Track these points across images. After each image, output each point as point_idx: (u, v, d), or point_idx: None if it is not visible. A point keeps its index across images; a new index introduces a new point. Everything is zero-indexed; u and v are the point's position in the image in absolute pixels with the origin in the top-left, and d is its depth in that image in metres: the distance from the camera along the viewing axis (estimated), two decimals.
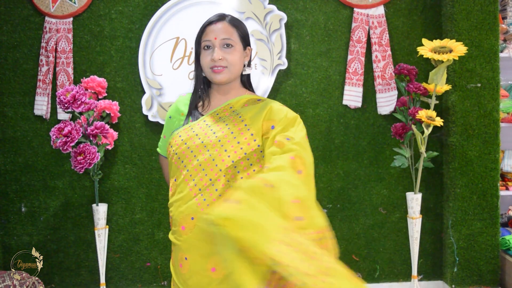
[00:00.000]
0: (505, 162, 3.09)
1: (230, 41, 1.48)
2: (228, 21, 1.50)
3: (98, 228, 2.75)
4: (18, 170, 2.99)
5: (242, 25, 1.54)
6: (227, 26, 1.49)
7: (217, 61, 1.47)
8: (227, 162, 1.39)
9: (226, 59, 1.47)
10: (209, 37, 1.48)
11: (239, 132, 1.44)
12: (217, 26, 1.49)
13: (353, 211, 3.02)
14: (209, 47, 1.49)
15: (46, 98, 2.91)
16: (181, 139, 1.47)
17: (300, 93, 2.98)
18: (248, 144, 1.42)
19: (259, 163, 1.41)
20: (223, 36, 1.47)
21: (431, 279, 3.04)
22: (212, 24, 1.49)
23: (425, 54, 2.42)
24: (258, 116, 1.46)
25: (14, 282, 2.46)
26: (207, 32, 1.49)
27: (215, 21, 1.49)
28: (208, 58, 1.48)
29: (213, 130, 1.46)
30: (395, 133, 2.79)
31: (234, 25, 1.51)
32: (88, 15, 2.94)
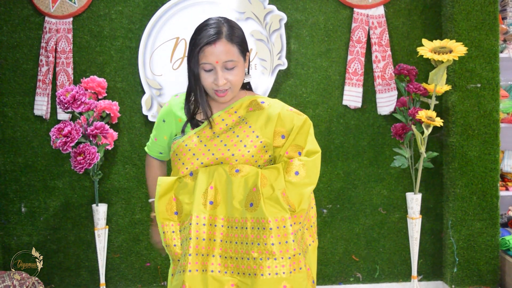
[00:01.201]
0: (505, 162, 3.09)
1: (233, 63, 1.42)
2: (226, 38, 1.41)
3: (98, 228, 2.75)
4: (18, 170, 2.99)
5: (239, 34, 1.46)
6: (227, 45, 1.40)
7: (220, 86, 1.43)
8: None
9: (230, 81, 1.44)
10: (209, 60, 1.41)
11: (252, 145, 1.47)
12: (217, 48, 1.40)
13: (353, 211, 3.02)
14: (209, 69, 1.43)
15: (46, 98, 2.91)
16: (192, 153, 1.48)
17: (300, 93, 2.98)
18: (261, 156, 1.47)
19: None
20: (226, 59, 1.41)
21: (431, 280, 3.05)
22: (211, 45, 1.39)
23: (425, 55, 2.42)
24: (269, 126, 1.48)
25: (14, 282, 2.46)
26: (207, 54, 1.40)
27: (214, 42, 1.39)
28: (210, 81, 1.44)
29: (224, 142, 1.47)
30: (395, 134, 2.79)
31: (233, 41, 1.42)
32: (88, 15, 2.94)
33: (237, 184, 1.41)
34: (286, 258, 1.36)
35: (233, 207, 1.41)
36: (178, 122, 1.53)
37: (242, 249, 1.38)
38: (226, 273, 1.38)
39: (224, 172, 1.43)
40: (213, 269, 1.38)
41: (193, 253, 1.38)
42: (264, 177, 1.42)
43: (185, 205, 1.45)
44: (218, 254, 1.39)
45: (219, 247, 1.40)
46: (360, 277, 3.04)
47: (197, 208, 1.41)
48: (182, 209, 1.46)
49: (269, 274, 1.35)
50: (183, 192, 1.46)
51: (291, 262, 1.37)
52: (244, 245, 1.38)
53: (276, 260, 1.35)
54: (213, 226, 1.41)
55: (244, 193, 1.41)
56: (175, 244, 1.45)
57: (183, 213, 1.46)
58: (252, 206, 1.39)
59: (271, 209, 1.39)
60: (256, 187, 1.40)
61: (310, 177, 1.45)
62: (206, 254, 1.39)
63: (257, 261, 1.36)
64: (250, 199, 1.40)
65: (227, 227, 1.40)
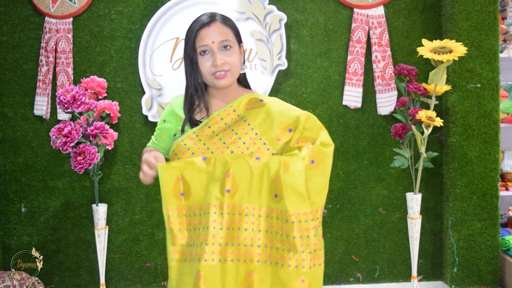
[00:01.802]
0: (505, 162, 3.09)
1: (228, 42, 1.44)
2: (220, 21, 1.46)
3: (98, 229, 2.75)
4: (18, 170, 2.99)
5: (233, 23, 1.51)
6: (222, 26, 1.45)
7: (219, 66, 1.43)
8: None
9: (227, 62, 1.44)
10: (205, 42, 1.43)
11: (251, 142, 1.45)
12: (212, 28, 1.43)
13: (353, 212, 3.02)
14: (205, 52, 1.44)
15: (46, 99, 2.91)
16: (191, 152, 1.45)
17: (300, 93, 2.98)
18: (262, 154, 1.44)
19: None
20: (221, 39, 1.43)
21: (431, 280, 3.05)
22: (206, 27, 1.43)
23: (425, 55, 2.42)
24: (269, 124, 1.46)
25: (14, 283, 2.46)
26: (202, 36, 1.43)
27: (208, 23, 1.44)
28: (208, 64, 1.44)
29: (223, 140, 1.46)
30: (395, 134, 2.79)
31: (228, 25, 1.47)
32: (88, 15, 2.94)
33: (259, 172, 1.38)
34: (307, 252, 1.35)
35: (256, 195, 1.37)
36: (179, 121, 1.54)
37: (267, 238, 1.37)
38: (245, 261, 1.36)
39: (244, 160, 1.39)
40: (232, 258, 1.35)
41: (210, 242, 1.35)
42: (285, 163, 1.39)
43: (195, 188, 1.39)
44: (237, 243, 1.36)
45: (239, 235, 1.37)
46: (360, 277, 3.04)
47: (215, 197, 1.37)
48: (190, 192, 1.40)
49: (289, 266, 1.34)
50: (194, 174, 1.39)
51: (311, 257, 1.36)
52: (268, 234, 1.37)
53: (297, 253, 1.34)
54: (231, 215, 1.37)
55: (268, 181, 1.38)
56: (180, 229, 1.40)
57: (192, 196, 1.40)
58: (276, 197, 1.37)
59: (294, 202, 1.36)
60: (279, 177, 1.37)
61: (325, 167, 1.43)
62: (225, 244, 1.36)
63: (279, 251, 1.35)
64: (274, 190, 1.37)
65: (251, 216, 1.37)
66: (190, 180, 1.40)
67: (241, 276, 1.36)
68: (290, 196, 1.37)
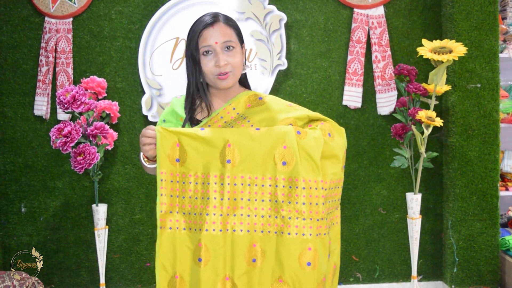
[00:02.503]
0: (504, 162, 3.09)
1: (231, 43, 1.45)
2: (224, 21, 1.46)
3: (98, 229, 2.75)
4: (18, 170, 2.99)
5: (236, 23, 1.51)
6: (225, 27, 1.45)
7: (222, 67, 1.43)
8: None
9: (230, 63, 1.45)
10: (208, 42, 1.43)
11: None
12: (215, 29, 1.44)
13: (353, 212, 3.02)
14: (208, 52, 1.44)
15: (46, 99, 2.91)
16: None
17: (300, 93, 2.98)
18: None
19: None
20: (224, 39, 1.44)
21: (431, 280, 3.05)
22: (209, 27, 1.44)
23: (425, 55, 2.42)
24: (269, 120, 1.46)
25: (14, 283, 2.46)
26: (205, 36, 1.43)
27: (211, 24, 1.44)
28: (211, 64, 1.45)
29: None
30: (395, 134, 2.79)
31: (231, 25, 1.47)
32: (88, 15, 2.94)
33: (263, 141, 1.37)
34: (314, 220, 1.34)
35: (259, 165, 1.36)
36: (179, 121, 1.54)
37: (271, 207, 1.35)
38: (248, 231, 1.35)
39: (244, 130, 1.39)
40: (235, 229, 1.34)
41: (211, 212, 1.34)
42: (304, 132, 1.40)
43: (191, 155, 1.37)
44: (240, 213, 1.35)
45: (242, 205, 1.35)
46: (360, 277, 3.04)
47: (215, 166, 1.36)
48: (186, 158, 1.37)
49: (296, 234, 1.33)
50: (191, 141, 1.37)
51: (318, 224, 1.35)
52: (273, 203, 1.35)
53: (304, 220, 1.33)
54: (232, 185, 1.36)
55: (272, 150, 1.36)
56: (172, 195, 1.37)
57: (187, 162, 1.37)
58: (285, 164, 1.36)
59: (306, 168, 1.36)
60: (288, 144, 1.36)
61: (340, 141, 1.48)
62: (227, 214, 1.35)
63: (285, 220, 1.34)
64: (282, 157, 1.36)
65: (254, 185, 1.36)
66: (187, 146, 1.37)
67: (244, 247, 1.34)
68: (304, 162, 1.36)
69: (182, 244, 1.36)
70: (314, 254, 1.34)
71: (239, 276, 1.34)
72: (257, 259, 1.34)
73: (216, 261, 1.34)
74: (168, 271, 1.36)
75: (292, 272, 1.33)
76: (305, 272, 1.33)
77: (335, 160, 1.46)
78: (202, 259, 1.34)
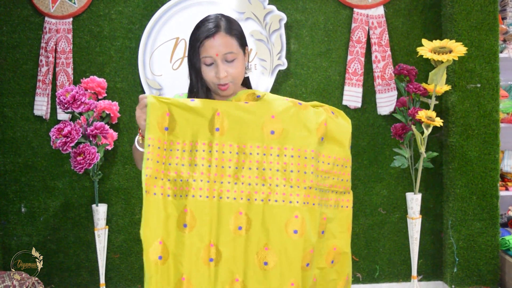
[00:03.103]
0: (504, 162, 3.09)
1: (233, 55, 1.44)
2: (224, 31, 1.44)
3: (98, 229, 2.75)
4: (18, 170, 2.99)
5: (237, 28, 1.49)
6: (226, 37, 1.43)
7: (222, 79, 1.44)
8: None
9: (230, 74, 1.45)
10: (209, 54, 1.42)
11: None
12: (217, 40, 1.42)
13: (353, 212, 3.00)
14: (209, 62, 1.44)
15: (45, 99, 2.91)
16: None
17: (299, 93, 2.98)
18: None
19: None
20: (225, 51, 1.42)
21: (431, 280, 3.05)
22: (210, 38, 1.42)
23: (424, 55, 2.42)
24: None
25: (14, 283, 2.46)
26: (206, 47, 1.42)
27: (213, 34, 1.42)
28: (212, 74, 1.45)
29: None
30: (395, 134, 2.79)
31: (232, 34, 1.45)
32: (87, 15, 2.94)
33: (252, 110, 1.38)
34: (302, 187, 1.35)
35: (248, 133, 1.37)
36: None
37: (258, 175, 1.35)
38: (235, 199, 1.35)
39: (233, 102, 1.40)
40: (221, 196, 1.34)
41: (198, 179, 1.34)
42: (306, 105, 1.42)
43: (180, 124, 1.37)
44: (227, 181, 1.35)
45: (230, 173, 1.36)
46: (360, 277, 3.04)
47: (203, 134, 1.36)
48: (175, 127, 1.37)
49: (283, 201, 1.33)
50: (181, 111, 1.38)
51: (306, 193, 1.36)
52: (260, 171, 1.36)
53: (292, 188, 1.34)
54: (220, 153, 1.36)
55: (259, 119, 1.37)
56: (158, 161, 1.36)
57: (175, 131, 1.37)
58: (273, 133, 1.36)
59: (298, 137, 1.37)
60: (276, 114, 1.37)
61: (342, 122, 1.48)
62: (213, 181, 1.35)
63: (272, 187, 1.34)
64: (271, 127, 1.37)
65: (242, 153, 1.36)
66: (176, 115, 1.37)
67: (231, 214, 1.34)
68: (295, 131, 1.38)
69: (167, 210, 1.36)
70: (301, 222, 1.34)
71: (224, 243, 1.33)
72: (243, 226, 1.34)
73: (201, 228, 1.34)
74: (152, 236, 1.34)
75: (278, 239, 1.33)
76: (292, 240, 1.33)
77: (340, 136, 1.47)
78: (187, 225, 1.33)
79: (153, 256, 1.32)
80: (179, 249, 1.33)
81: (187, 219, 1.33)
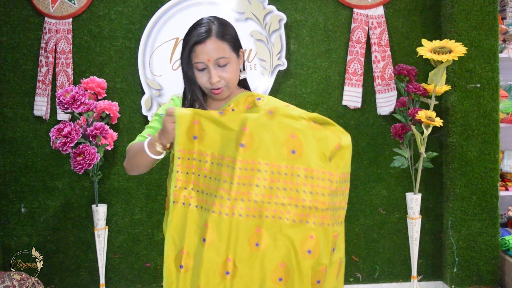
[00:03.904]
0: (504, 162, 3.09)
1: (225, 59, 1.43)
2: (216, 36, 1.42)
3: (98, 229, 2.75)
4: (17, 170, 2.99)
5: (230, 32, 1.47)
6: (217, 42, 1.42)
7: (215, 84, 1.44)
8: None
9: (223, 78, 1.44)
10: (200, 59, 1.42)
11: None
12: (208, 46, 1.41)
13: (353, 212, 3.02)
14: (201, 67, 1.44)
15: (45, 99, 2.91)
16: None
17: (299, 93, 2.98)
18: None
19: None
20: (217, 56, 1.42)
21: (430, 280, 3.05)
22: (201, 43, 1.41)
23: (424, 55, 2.42)
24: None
25: (13, 283, 2.46)
26: (197, 53, 1.42)
27: (204, 40, 1.41)
28: (204, 79, 1.45)
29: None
30: (395, 134, 2.79)
31: (224, 38, 1.43)
32: (87, 15, 2.94)
33: (276, 127, 1.36)
34: (319, 209, 1.36)
35: (270, 151, 1.35)
36: None
37: (278, 195, 1.35)
38: (254, 216, 1.34)
39: (261, 116, 1.38)
40: (241, 213, 1.33)
41: (219, 195, 1.34)
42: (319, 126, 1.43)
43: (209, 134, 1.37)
44: (247, 198, 1.34)
45: (250, 191, 1.34)
46: (360, 277, 3.04)
47: (229, 149, 1.35)
48: (204, 136, 1.37)
49: (300, 221, 1.34)
50: (209, 122, 1.37)
51: (322, 214, 1.37)
52: (281, 191, 1.35)
53: (304, 208, 1.35)
54: (243, 170, 1.34)
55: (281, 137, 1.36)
56: (188, 172, 1.38)
57: (205, 141, 1.37)
58: (294, 153, 1.36)
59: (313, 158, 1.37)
60: (296, 134, 1.37)
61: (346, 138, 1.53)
62: (234, 199, 1.34)
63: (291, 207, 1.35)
64: (292, 146, 1.36)
65: (264, 172, 1.35)
66: (205, 125, 1.37)
67: (249, 231, 1.34)
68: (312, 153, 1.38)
69: (192, 221, 1.36)
70: (315, 243, 1.36)
71: (241, 259, 1.34)
72: (260, 243, 1.34)
73: (219, 243, 1.34)
74: (177, 245, 1.36)
75: (292, 258, 1.34)
76: (305, 259, 1.35)
77: (345, 152, 1.50)
78: (206, 240, 1.34)
79: (176, 265, 1.35)
80: (197, 261, 1.35)
81: (207, 234, 1.33)
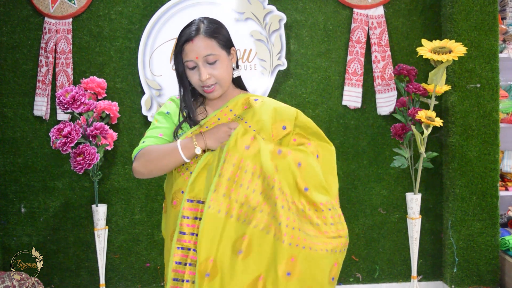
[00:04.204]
0: (504, 162, 3.09)
1: (213, 56, 1.44)
2: (204, 33, 1.44)
3: (98, 229, 2.75)
4: (17, 170, 2.99)
5: (220, 30, 1.48)
6: (205, 40, 1.44)
7: (205, 81, 1.45)
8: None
9: (214, 75, 1.46)
10: (190, 57, 1.44)
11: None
12: (196, 43, 1.43)
13: (353, 212, 3.02)
14: (192, 66, 1.46)
15: (45, 99, 2.91)
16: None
17: (299, 93, 2.98)
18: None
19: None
20: (205, 53, 1.44)
21: (430, 280, 3.05)
22: (190, 42, 1.44)
23: (424, 55, 2.42)
24: (266, 120, 1.46)
25: (13, 283, 2.46)
26: (186, 51, 1.45)
27: (192, 38, 1.44)
28: (196, 78, 1.47)
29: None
30: (395, 134, 2.79)
31: (212, 36, 1.45)
32: (87, 15, 2.94)
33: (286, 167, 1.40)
34: (337, 236, 1.40)
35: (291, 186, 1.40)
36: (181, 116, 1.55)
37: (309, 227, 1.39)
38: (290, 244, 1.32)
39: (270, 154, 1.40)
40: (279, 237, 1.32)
41: (262, 209, 1.35)
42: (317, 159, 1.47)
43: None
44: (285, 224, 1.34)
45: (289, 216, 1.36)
46: (360, 277, 3.04)
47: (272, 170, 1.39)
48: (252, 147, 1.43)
49: (326, 251, 1.37)
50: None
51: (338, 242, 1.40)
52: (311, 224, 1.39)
53: (334, 238, 1.39)
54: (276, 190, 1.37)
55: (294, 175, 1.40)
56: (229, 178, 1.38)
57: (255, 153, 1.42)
58: (307, 190, 1.40)
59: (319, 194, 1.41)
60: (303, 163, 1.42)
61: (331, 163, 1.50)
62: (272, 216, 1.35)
63: (319, 238, 1.37)
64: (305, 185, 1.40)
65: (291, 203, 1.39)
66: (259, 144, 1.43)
67: (284, 258, 1.32)
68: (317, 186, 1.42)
69: (226, 230, 1.34)
70: (337, 269, 1.41)
71: (271, 282, 1.32)
72: (291, 272, 1.32)
73: (256, 258, 1.32)
74: (206, 253, 1.34)
75: (319, 286, 1.36)
76: (330, 286, 1.40)
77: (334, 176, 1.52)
78: (243, 252, 1.32)
79: (203, 272, 1.33)
80: (229, 272, 1.32)
81: (243, 247, 1.32)
